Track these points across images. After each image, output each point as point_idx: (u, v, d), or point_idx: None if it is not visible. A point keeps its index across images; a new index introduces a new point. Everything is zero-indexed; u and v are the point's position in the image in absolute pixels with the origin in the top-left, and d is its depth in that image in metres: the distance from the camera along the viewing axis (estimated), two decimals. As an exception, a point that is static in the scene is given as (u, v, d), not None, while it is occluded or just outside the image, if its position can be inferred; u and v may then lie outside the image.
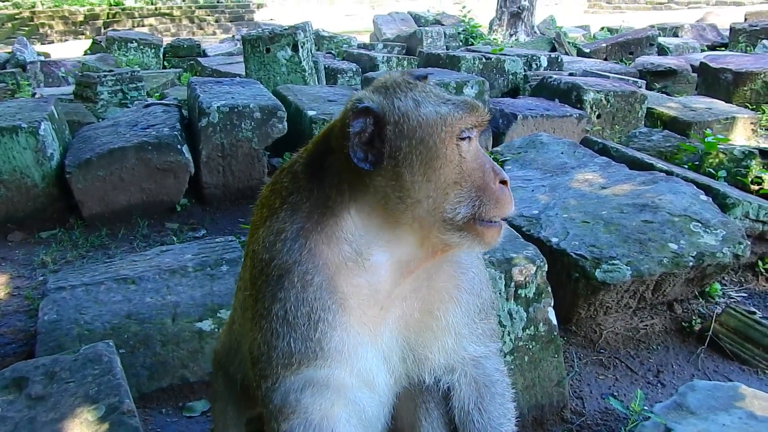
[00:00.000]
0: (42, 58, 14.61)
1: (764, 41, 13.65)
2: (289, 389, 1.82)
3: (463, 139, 1.73)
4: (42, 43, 24.04)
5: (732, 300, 4.52)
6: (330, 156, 1.81)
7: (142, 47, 15.19)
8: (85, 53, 16.56)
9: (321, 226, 1.79)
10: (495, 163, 1.78)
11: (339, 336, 1.79)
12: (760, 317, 4.18)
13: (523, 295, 3.27)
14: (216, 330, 3.64)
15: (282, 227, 1.82)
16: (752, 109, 9.36)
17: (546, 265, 3.32)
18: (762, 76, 9.92)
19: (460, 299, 1.97)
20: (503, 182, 1.76)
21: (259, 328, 1.84)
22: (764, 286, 4.77)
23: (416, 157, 1.69)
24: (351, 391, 1.86)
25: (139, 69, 11.58)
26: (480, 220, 1.73)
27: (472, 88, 7.83)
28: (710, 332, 4.05)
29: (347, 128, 1.70)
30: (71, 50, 18.18)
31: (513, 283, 3.22)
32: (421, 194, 1.71)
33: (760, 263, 4.85)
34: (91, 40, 19.21)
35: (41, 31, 27.68)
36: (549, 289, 3.35)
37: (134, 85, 9.42)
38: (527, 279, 3.25)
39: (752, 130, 8.55)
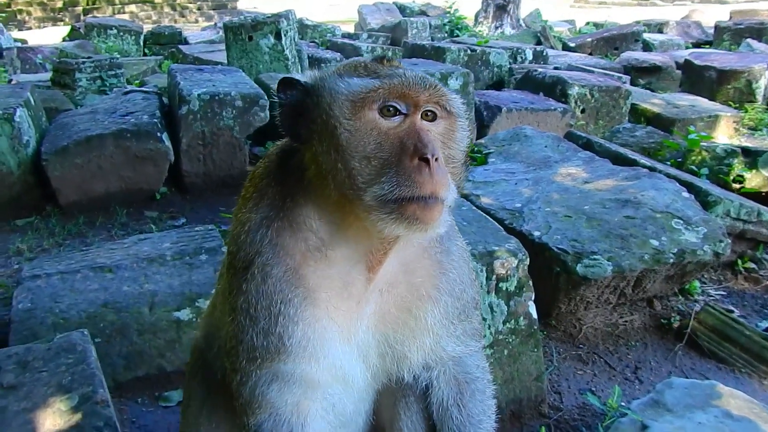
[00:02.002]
0: (19, 45, 14.33)
1: (749, 40, 13.75)
2: (256, 384, 1.78)
3: (385, 113, 1.61)
4: (20, 30, 23.62)
5: (711, 298, 4.54)
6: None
7: (122, 34, 14.99)
8: (64, 40, 16.23)
9: (284, 214, 1.74)
10: (427, 141, 1.58)
11: (302, 330, 1.73)
12: (737, 316, 4.21)
13: (504, 289, 3.25)
14: (194, 320, 3.59)
15: (248, 217, 1.78)
16: (735, 108, 9.42)
17: (528, 259, 3.30)
18: (746, 74, 9.97)
19: (439, 300, 1.89)
20: (424, 159, 1.55)
21: (231, 320, 1.81)
22: (743, 284, 4.81)
23: (325, 126, 1.63)
24: (323, 386, 1.81)
25: (118, 56, 11.40)
26: (393, 201, 1.55)
27: (456, 79, 7.80)
28: (689, 330, 4.07)
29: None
30: (49, 37, 17.86)
31: (494, 276, 3.21)
32: (331, 166, 1.62)
33: (739, 262, 4.89)
34: (70, 27, 18.89)
35: (19, 17, 27.16)
36: (530, 282, 3.34)
37: (113, 72, 9.25)
38: (509, 272, 3.23)
39: (735, 128, 8.63)
